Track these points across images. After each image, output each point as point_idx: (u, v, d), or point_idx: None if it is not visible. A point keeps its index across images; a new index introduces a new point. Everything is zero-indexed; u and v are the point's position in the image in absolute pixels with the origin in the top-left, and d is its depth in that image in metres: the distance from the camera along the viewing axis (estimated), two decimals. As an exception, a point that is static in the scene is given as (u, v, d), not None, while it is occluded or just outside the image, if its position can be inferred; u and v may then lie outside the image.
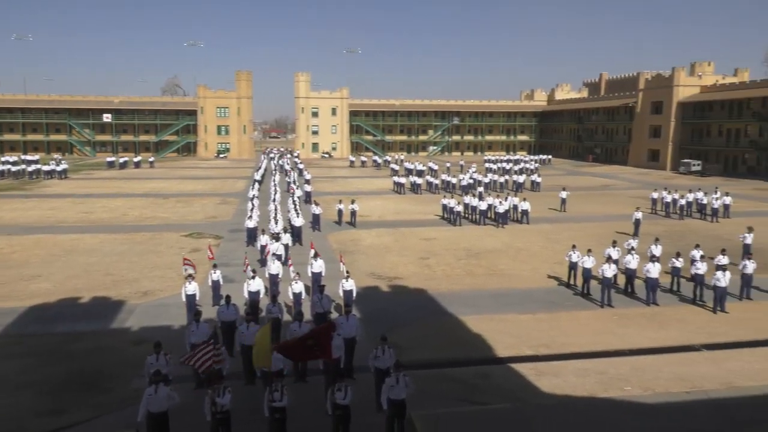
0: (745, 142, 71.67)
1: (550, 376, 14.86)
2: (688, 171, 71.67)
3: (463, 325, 18.79)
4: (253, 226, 30.57)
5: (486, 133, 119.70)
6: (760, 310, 20.26)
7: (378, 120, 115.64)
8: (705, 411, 12.97)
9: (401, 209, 44.36)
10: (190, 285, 18.63)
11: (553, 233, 34.32)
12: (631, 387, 14.22)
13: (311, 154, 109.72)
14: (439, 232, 34.80)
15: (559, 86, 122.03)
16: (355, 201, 37.16)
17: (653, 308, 20.37)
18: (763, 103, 69.34)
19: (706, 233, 34.02)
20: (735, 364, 15.55)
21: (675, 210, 40.72)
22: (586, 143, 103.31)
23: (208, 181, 66.15)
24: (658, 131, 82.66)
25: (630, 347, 16.82)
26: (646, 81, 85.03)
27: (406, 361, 14.87)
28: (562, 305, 20.79)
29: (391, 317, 19.44)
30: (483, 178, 56.45)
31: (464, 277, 24.81)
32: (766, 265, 24.85)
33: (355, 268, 25.26)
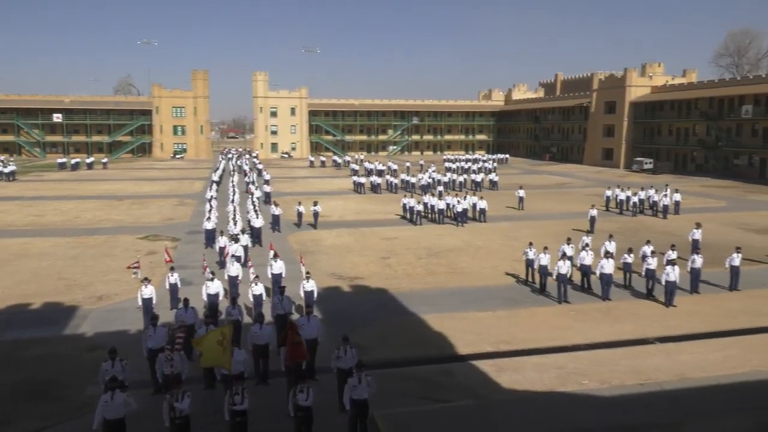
0: (694, 141, 74.13)
1: (510, 372, 15.08)
2: (641, 169, 73.74)
3: (424, 323, 18.90)
4: (211, 227, 30.12)
5: (445, 133, 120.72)
6: (708, 303, 20.98)
7: (338, 120, 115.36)
8: (659, 402, 13.36)
9: (362, 209, 44.37)
10: (146, 288, 18.23)
11: (511, 231, 34.83)
12: (589, 381, 14.54)
13: (270, 155, 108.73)
14: (400, 232, 34.93)
15: (516, 86, 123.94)
16: (318, 202, 36.76)
17: (608, 303, 20.87)
18: (710, 104, 71.85)
19: (658, 229, 35.06)
20: (686, 356, 16.07)
21: (628, 207, 41.83)
22: (542, 142, 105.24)
23: (164, 182, 64.85)
24: (611, 130, 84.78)
25: (587, 342, 17.20)
26: (599, 81, 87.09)
27: (368, 360, 14.87)
28: (521, 302, 21.12)
29: (352, 317, 19.41)
30: (442, 178, 56.92)
31: (425, 276, 24.96)
32: (714, 260, 25.75)
33: (316, 269, 25.15)
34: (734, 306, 20.56)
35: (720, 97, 70.32)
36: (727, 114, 69.19)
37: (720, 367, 15.25)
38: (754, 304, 20.77)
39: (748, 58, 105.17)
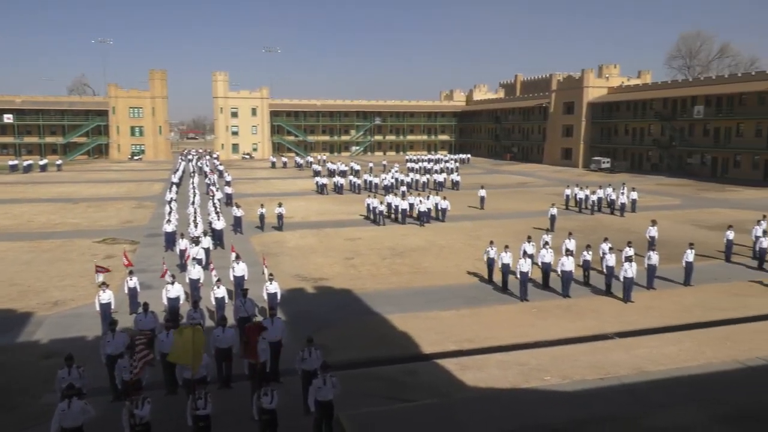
0: (649, 141, 76.15)
1: (474, 370, 15.23)
2: (599, 168, 75.40)
3: (389, 323, 18.94)
4: (171, 230, 29.59)
5: (407, 133, 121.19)
6: (664, 298, 21.58)
7: (299, 120, 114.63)
8: (618, 396, 13.68)
9: (325, 210, 44.21)
10: (104, 293, 17.80)
11: (473, 231, 35.18)
12: (551, 376, 14.79)
13: (231, 155, 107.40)
14: (364, 232, 34.92)
15: (476, 87, 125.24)
16: (282, 204, 36.42)
17: (568, 300, 21.27)
18: (664, 104, 73.92)
19: (616, 227, 35.89)
20: (644, 350, 16.49)
21: (587, 206, 42.73)
22: (503, 142, 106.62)
23: (122, 184, 63.43)
24: (570, 130, 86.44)
25: (548, 338, 17.49)
26: (558, 82, 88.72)
27: (333, 361, 14.82)
28: (483, 300, 21.35)
29: (317, 318, 19.32)
30: (405, 178, 57.14)
31: (389, 276, 25.01)
32: (669, 256, 26.50)
33: (280, 271, 24.95)
34: (688, 300, 21.19)
35: (673, 98, 72.42)
36: (680, 114, 71.30)
37: (675, 360, 15.70)
38: (707, 298, 21.46)
39: (700, 60, 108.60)
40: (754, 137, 62.47)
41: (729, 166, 65.75)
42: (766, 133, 61.40)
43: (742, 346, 16.69)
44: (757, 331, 17.91)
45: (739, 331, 18.01)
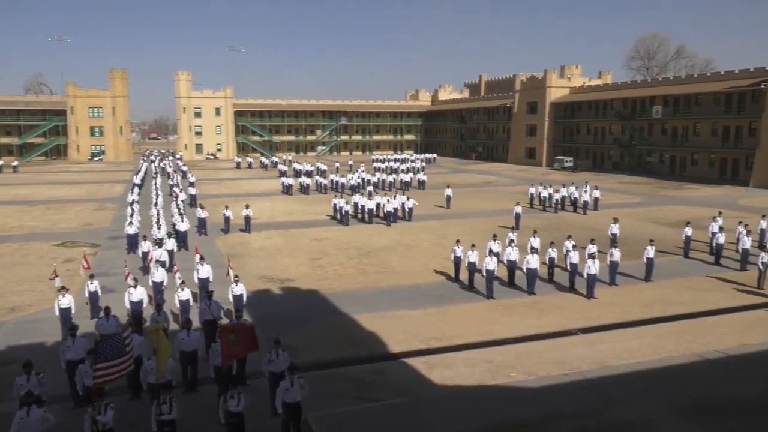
0: (610, 140, 77.75)
1: (441, 368, 15.32)
2: (562, 167, 76.67)
3: (356, 323, 18.92)
4: (133, 232, 29.03)
5: (374, 133, 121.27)
6: (626, 294, 22.06)
7: (264, 120, 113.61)
8: (582, 391, 13.93)
9: (291, 210, 43.92)
10: (63, 298, 17.34)
11: (440, 230, 35.39)
12: (517, 373, 14.97)
13: (195, 156, 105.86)
14: (330, 232, 34.81)
15: (441, 87, 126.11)
16: (249, 206, 35.85)
17: (533, 297, 21.57)
18: (624, 104, 75.57)
19: (579, 225, 36.55)
20: (606, 345, 16.83)
21: (551, 204, 43.41)
22: (468, 142, 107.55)
23: (82, 185, 61.92)
24: (534, 130, 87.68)
25: (514, 335, 17.70)
26: (521, 82, 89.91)
27: (300, 362, 14.74)
28: (450, 299, 21.50)
29: (283, 320, 19.19)
30: (372, 178, 57.15)
31: (356, 276, 24.98)
32: (630, 253, 27.09)
33: (245, 272, 24.70)
34: (649, 296, 21.71)
35: (633, 98, 74.09)
36: (640, 114, 72.99)
37: (637, 354, 16.06)
38: (666, 293, 22.01)
39: (657, 61, 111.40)
40: (710, 136, 64.35)
41: (686, 165, 67.58)
42: (721, 132, 63.31)
43: (701, 339, 17.18)
44: (714, 325, 18.45)
45: (697, 325, 18.52)
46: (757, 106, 58.22)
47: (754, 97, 59.12)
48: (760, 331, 17.85)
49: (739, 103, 61.39)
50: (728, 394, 13.61)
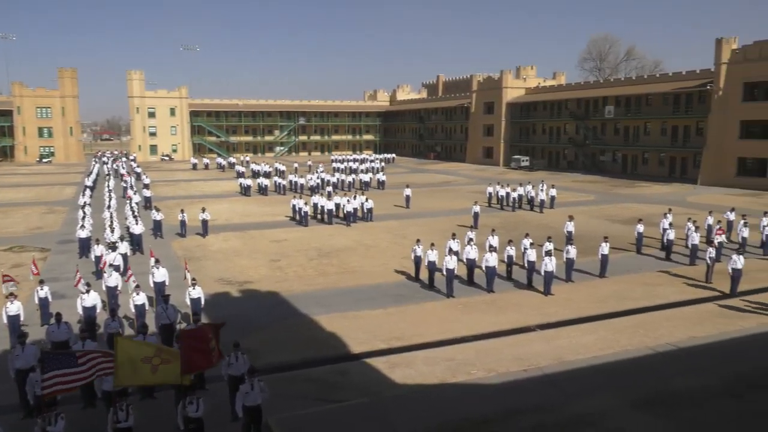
0: (565, 140, 79.41)
1: (402, 367, 15.36)
2: (519, 166, 77.91)
3: (317, 324, 18.82)
4: (85, 236, 28.23)
5: (332, 133, 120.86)
6: (582, 290, 22.56)
7: (221, 120, 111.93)
8: (541, 387, 14.17)
9: (249, 211, 43.39)
10: (11, 305, 16.72)
11: (399, 229, 35.51)
12: (477, 370, 15.13)
13: (149, 157, 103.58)
14: (289, 233, 34.54)
15: (399, 87, 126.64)
16: (206, 209, 35.00)
17: (492, 295, 21.84)
18: (578, 104, 77.26)
19: (536, 223, 37.19)
20: (564, 341, 17.16)
21: (508, 203, 44.06)
22: (427, 142, 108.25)
23: (30, 188, 59.86)
24: (491, 130, 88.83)
25: (474, 333, 17.89)
26: (478, 83, 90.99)
27: (260, 365, 14.57)
28: (410, 298, 21.59)
29: (243, 322, 18.93)
30: (331, 178, 56.98)
31: (316, 277, 24.85)
32: (586, 250, 27.71)
33: (203, 275, 24.30)
34: (604, 291, 22.24)
35: (586, 99, 75.82)
36: (593, 114, 74.75)
37: (592, 349, 16.43)
38: (620, 289, 22.60)
39: (609, 62, 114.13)
40: (660, 136, 66.35)
41: (638, 163, 69.52)
42: (670, 132, 65.35)
43: (653, 333, 17.69)
44: (666, 318, 19.02)
45: (650, 319, 19.07)
46: (703, 107, 60.32)
47: (701, 98, 61.24)
48: (709, 323, 18.49)
49: (686, 104, 63.48)
50: (680, 385, 14.05)
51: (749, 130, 55.61)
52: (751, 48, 54.02)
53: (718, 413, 12.66)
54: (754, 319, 18.91)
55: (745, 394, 13.50)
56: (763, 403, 13.06)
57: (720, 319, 18.87)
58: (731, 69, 55.60)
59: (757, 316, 19.18)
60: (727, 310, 19.79)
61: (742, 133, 55.66)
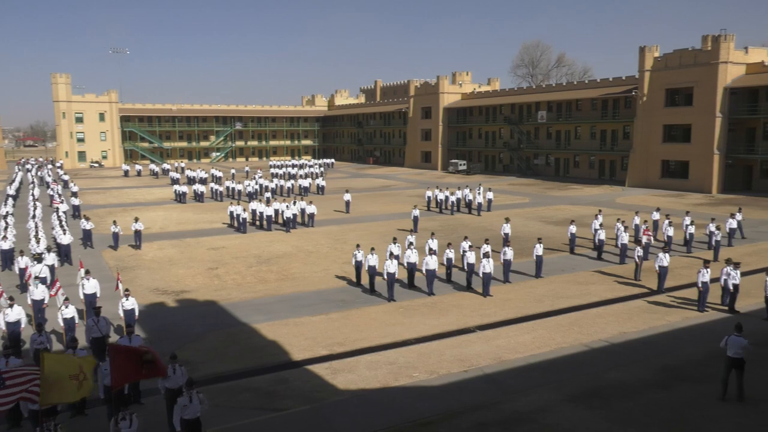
0: (500, 144, 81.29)
1: (345, 373, 15.30)
2: (456, 170, 79.18)
3: (257, 332, 18.50)
4: (8, 247, 26.81)
5: (270, 138, 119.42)
6: (519, 290, 23.09)
7: (154, 126, 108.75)
8: (481, 385, 14.42)
9: (185, 219, 42.28)
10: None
11: (339, 234, 35.41)
12: (419, 373, 15.24)
13: (78, 164, 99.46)
14: (228, 241, 33.86)
15: (338, 92, 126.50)
16: (138, 219, 33.21)
17: (433, 297, 22.06)
18: (512, 109, 79.28)
19: (474, 225, 37.85)
20: (502, 341, 17.52)
21: (447, 206, 44.68)
22: (366, 146, 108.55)
23: (-54, 198, 56.34)
24: (429, 134, 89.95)
25: (416, 336, 18.01)
26: (415, 88, 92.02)
27: (199, 377, 14.23)
28: (352, 303, 21.53)
29: (180, 333, 18.40)
30: (269, 184, 56.26)
31: (256, 284, 24.45)
32: (522, 251, 28.42)
33: (137, 285, 23.50)
34: (540, 291, 22.85)
35: (520, 104, 77.90)
36: (527, 119, 76.85)
37: (530, 348, 16.85)
38: (555, 288, 23.27)
39: (541, 69, 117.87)
40: (590, 139, 68.89)
41: (570, 166, 71.92)
42: (599, 135, 67.94)
43: (587, 330, 18.30)
44: (599, 316, 19.72)
45: (583, 316, 19.72)
46: (630, 111, 63.03)
47: (627, 103, 63.99)
48: (638, 319, 19.29)
49: (614, 109, 66.16)
50: (613, 379, 14.60)
51: (671, 133, 58.51)
52: (672, 56, 56.88)
53: (649, 404, 13.21)
54: (680, 313, 19.86)
55: (672, 386, 14.15)
56: (690, 393, 13.73)
57: (648, 315, 19.72)
58: (654, 76, 58.37)
59: (682, 310, 20.16)
60: (654, 306, 20.70)
61: (665, 136, 58.50)
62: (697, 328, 18.45)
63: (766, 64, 53.29)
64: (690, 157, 55.74)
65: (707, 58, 53.44)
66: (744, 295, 20.60)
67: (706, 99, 53.60)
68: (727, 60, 52.50)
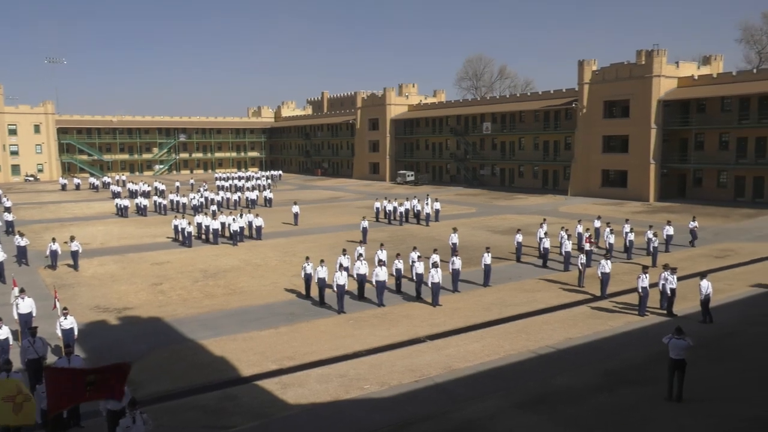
0: (447, 155, 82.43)
1: (295, 387, 15.09)
2: (404, 181, 79.76)
3: (204, 349, 18.06)
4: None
5: (215, 150, 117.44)
6: (467, 299, 23.36)
7: (93, 138, 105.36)
8: (432, 395, 14.48)
9: (127, 234, 41.01)
10: None
11: (288, 247, 35.05)
12: (370, 385, 15.18)
13: (11, 178, 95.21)
14: (172, 255, 33.01)
15: (284, 103, 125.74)
16: (74, 237, 30.63)
17: (383, 309, 22.07)
18: (458, 121, 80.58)
19: (422, 236, 38.15)
20: (452, 350, 17.66)
21: (395, 217, 44.90)
22: (314, 158, 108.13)
23: None
24: (376, 146, 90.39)
25: (366, 347, 17.95)
26: (362, 100, 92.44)
27: (143, 396, 13.79)
28: (301, 316, 21.31)
29: (122, 352, 17.77)
30: (215, 197, 55.30)
31: (202, 299, 23.90)
32: (470, 260, 28.80)
33: (76, 303, 22.62)
34: (488, 300, 23.18)
35: (465, 116, 79.24)
36: (472, 130, 78.21)
37: (480, 356, 17.04)
38: (503, 296, 23.66)
39: (484, 81, 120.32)
40: (533, 150, 70.67)
41: (515, 176, 73.52)
42: (542, 146, 69.79)
43: (534, 336, 18.66)
44: (545, 323, 20.14)
45: (531, 323, 20.10)
46: (570, 123, 65.01)
47: (568, 115, 66.01)
48: (583, 325, 19.81)
49: (555, 120, 68.12)
50: (559, 384, 14.91)
51: (610, 144, 60.66)
52: (609, 69, 59.08)
53: (595, 408, 13.55)
54: (622, 318, 20.51)
55: (616, 389, 14.57)
56: (633, 396, 14.15)
57: (592, 320, 20.28)
58: (593, 88, 60.46)
59: (624, 315, 20.82)
60: (598, 312, 21.31)
61: (605, 147, 60.58)
62: (638, 332, 19.09)
63: (695, 78, 56.07)
64: (628, 166, 57.89)
65: (641, 72, 55.78)
66: (681, 299, 21.45)
67: (642, 111, 55.88)
68: (660, 74, 54.94)
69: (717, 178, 54.81)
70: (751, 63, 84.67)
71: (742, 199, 52.55)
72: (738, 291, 23.75)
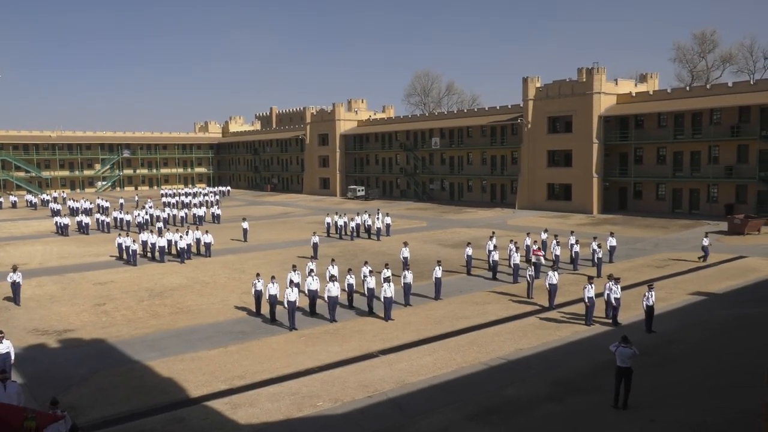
0: (397, 169, 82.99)
1: (246, 407, 14.78)
2: (355, 196, 79.83)
3: (150, 370, 17.50)
4: None
5: (161, 166, 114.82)
6: (419, 313, 23.45)
7: (31, 154, 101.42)
8: (385, 410, 14.42)
9: (68, 253, 39.52)
10: None
11: (237, 264, 34.48)
12: (323, 402, 15.00)
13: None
14: (116, 274, 31.96)
15: (232, 119, 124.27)
16: (17, 269, 26.81)
17: (335, 324, 21.91)
18: (407, 136, 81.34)
19: (374, 250, 38.17)
20: (405, 364, 17.66)
21: (347, 232, 44.83)
22: (263, 173, 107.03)
23: None
24: (326, 161, 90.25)
25: (318, 364, 17.76)
26: (311, 115, 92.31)
27: (85, 422, 13.26)
28: (251, 334, 20.94)
29: (63, 376, 17.04)
30: (161, 213, 53.97)
31: (148, 319, 23.19)
32: (421, 274, 28.97)
33: (12, 326, 21.60)
34: (440, 313, 23.33)
35: (414, 131, 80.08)
36: (421, 145, 79.10)
37: (432, 369, 17.10)
38: (454, 309, 23.85)
39: (432, 97, 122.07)
40: (481, 165, 71.92)
41: (464, 191, 74.59)
42: (489, 161, 71.11)
43: (485, 348, 18.86)
44: (496, 334, 20.39)
45: (482, 335, 20.32)
46: (516, 138, 66.54)
47: (514, 130, 67.55)
48: (532, 335, 20.16)
49: (502, 135, 69.59)
50: (511, 395, 15.09)
51: (555, 159, 62.38)
52: (552, 86, 60.90)
53: (545, 417, 13.77)
54: (569, 328, 20.97)
55: (565, 398, 14.85)
56: (581, 405, 14.45)
57: (541, 331, 20.66)
58: (537, 105, 62.16)
59: (571, 325, 21.30)
60: (546, 322, 21.73)
61: (550, 161, 62.26)
62: (585, 341, 19.55)
63: (633, 95, 58.38)
64: (572, 180, 59.61)
65: (583, 89, 57.72)
66: (625, 308, 22.11)
67: (584, 126, 57.75)
68: (600, 90, 56.97)
69: (656, 190, 57.00)
70: (683, 81, 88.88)
71: (679, 210, 54.78)
72: (677, 299, 24.67)
